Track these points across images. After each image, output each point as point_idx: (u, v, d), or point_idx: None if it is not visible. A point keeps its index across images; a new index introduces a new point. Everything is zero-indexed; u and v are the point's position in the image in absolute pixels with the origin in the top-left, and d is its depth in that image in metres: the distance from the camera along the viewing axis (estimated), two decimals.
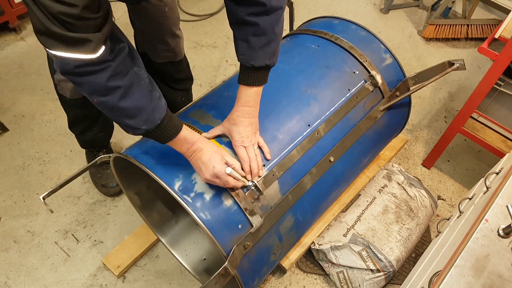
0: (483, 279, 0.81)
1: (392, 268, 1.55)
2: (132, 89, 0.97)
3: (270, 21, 1.03)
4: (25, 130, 2.07)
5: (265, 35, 1.04)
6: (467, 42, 2.81)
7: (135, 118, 0.99)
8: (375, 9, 3.03)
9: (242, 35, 1.05)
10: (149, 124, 1.01)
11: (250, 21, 1.02)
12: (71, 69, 0.89)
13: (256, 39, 1.04)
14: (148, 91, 1.00)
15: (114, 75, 0.93)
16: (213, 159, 1.08)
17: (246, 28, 1.04)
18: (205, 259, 1.64)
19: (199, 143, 1.09)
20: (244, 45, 1.06)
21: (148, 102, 0.99)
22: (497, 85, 1.69)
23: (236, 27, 1.06)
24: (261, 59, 1.07)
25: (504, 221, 0.90)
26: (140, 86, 0.99)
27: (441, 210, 1.93)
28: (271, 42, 1.07)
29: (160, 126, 1.03)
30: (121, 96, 0.95)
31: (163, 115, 1.02)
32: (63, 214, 1.79)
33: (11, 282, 1.60)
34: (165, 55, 1.63)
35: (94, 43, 0.87)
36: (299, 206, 1.29)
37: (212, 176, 1.08)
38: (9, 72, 2.33)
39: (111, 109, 0.98)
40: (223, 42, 2.65)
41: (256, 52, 1.06)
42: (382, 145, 1.69)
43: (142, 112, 0.99)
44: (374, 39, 1.58)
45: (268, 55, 1.08)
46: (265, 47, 1.06)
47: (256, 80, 1.11)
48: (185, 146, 1.09)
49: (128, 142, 2.06)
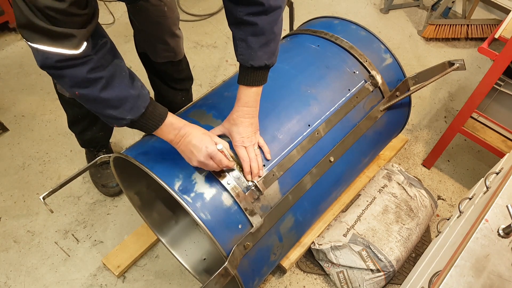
0: (483, 279, 0.81)
1: (392, 268, 1.55)
2: (114, 79, 0.97)
3: (269, 20, 1.03)
4: (25, 130, 2.08)
5: (264, 35, 1.04)
6: (467, 42, 2.81)
7: (120, 108, 0.99)
8: (375, 9, 3.03)
9: (241, 35, 1.05)
10: (134, 113, 1.01)
11: (248, 21, 1.02)
12: (53, 63, 0.89)
13: (255, 39, 1.04)
14: (129, 81, 1.01)
15: (95, 67, 0.94)
16: (205, 140, 1.07)
17: (245, 28, 1.04)
18: (205, 259, 1.64)
19: (187, 127, 1.09)
20: (243, 45, 1.06)
21: (131, 91, 1.00)
22: (497, 85, 1.69)
23: (235, 27, 1.06)
24: (261, 59, 1.07)
25: (504, 221, 0.90)
26: (122, 76, 0.99)
27: (441, 210, 1.93)
28: (270, 42, 1.07)
29: (145, 114, 1.03)
30: (103, 87, 0.95)
31: (147, 103, 1.03)
32: (63, 214, 1.79)
33: (11, 282, 1.60)
34: (165, 55, 1.63)
35: (77, 39, 0.87)
36: (299, 206, 1.29)
37: (206, 158, 1.07)
38: (9, 72, 2.33)
39: (93, 101, 0.98)
40: (223, 42, 2.65)
41: (255, 52, 1.06)
42: (382, 145, 1.69)
43: (126, 101, 0.99)
44: (374, 39, 1.58)
45: (267, 54, 1.08)
46: (264, 47, 1.06)
47: (255, 80, 1.11)
48: (172, 133, 1.08)
49: (128, 142, 2.06)
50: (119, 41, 2.53)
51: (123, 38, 2.55)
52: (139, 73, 2.43)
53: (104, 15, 2.68)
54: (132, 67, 2.39)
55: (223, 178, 1.14)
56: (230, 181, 1.14)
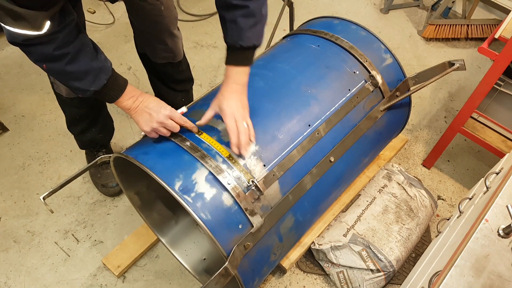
0: (483, 279, 0.81)
1: (392, 268, 1.55)
2: (79, 54, 1.04)
3: (259, 3, 1.10)
4: (25, 130, 2.07)
5: (254, 17, 1.10)
6: (467, 42, 2.81)
7: (83, 80, 1.07)
8: (375, 9, 3.03)
9: (231, 17, 1.10)
10: (96, 85, 1.09)
11: (239, 4, 1.07)
12: (19, 41, 0.96)
13: (245, 20, 1.10)
14: (93, 55, 1.07)
15: (61, 45, 1.00)
16: (162, 103, 1.16)
17: (236, 10, 1.09)
18: (205, 259, 1.64)
19: (143, 95, 1.17)
20: (233, 26, 1.11)
21: (94, 65, 1.07)
22: (497, 85, 1.69)
23: (224, 10, 1.11)
24: (250, 40, 1.13)
25: (504, 221, 0.90)
26: (86, 51, 1.05)
27: (441, 210, 1.93)
28: (258, 23, 1.12)
29: (107, 86, 1.10)
30: (68, 62, 1.03)
31: (109, 75, 1.10)
32: (63, 214, 1.79)
33: (11, 282, 1.60)
34: (164, 55, 1.63)
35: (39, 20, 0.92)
36: (299, 206, 1.29)
37: (165, 118, 1.14)
38: (9, 72, 2.33)
39: (59, 73, 1.07)
40: (223, 42, 2.65)
41: (244, 33, 1.11)
42: (382, 145, 1.69)
43: (89, 73, 1.07)
44: (374, 39, 1.58)
45: (256, 35, 1.14)
46: (253, 28, 1.12)
47: (245, 60, 1.17)
48: (131, 100, 1.16)
49: (128, 142, 2.06)
50: (119, 41, 2.53)
51: (123, 38, 2.55)
52: (140, 74, 2.44)
53: (104, 15, 2.68)
54: (132, 67, 2.39)
55: (222, 177, 1.14)
56: (230, 181, 1.14)
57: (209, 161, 1.15)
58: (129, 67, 2.40)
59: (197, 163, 1.15)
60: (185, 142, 1.19)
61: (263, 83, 1.38)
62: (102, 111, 1.70)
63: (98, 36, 2.55)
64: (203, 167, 1.14)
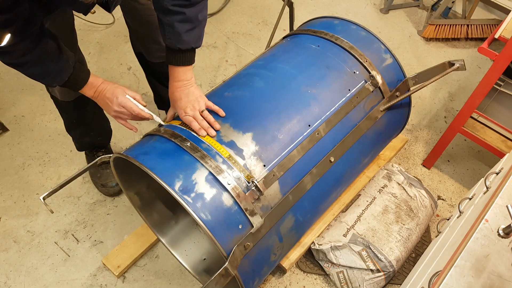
0: (483, 279, 0.81)
1: (392, 268, 1.55)
2: (40, 60, 1.08)
3: (195, 11, 1.12)
4: (25, 130, 2.07)
5: (191, 22, 1.13)
6: (467, 42, 2.81)
7: (46, 79, 1.18)
8: (375, 9, 3.02)
9: (168, 21, 1.13)
10: (59, 82, 1.16)
11: (175, 10, 1.10)
12: None
13: (182, 25, 1.13)
14: (55, 57, 1.12)
15: (22, 54, 1.03)
16: (116, 92, 1.21)
17: (173, 15, 1.12)
18: (205, 259, 1.64)
19: (104, 84, 1.23)
20: (170, 29, 1.14)
21: (55, 67, 1.13)
22: (497, 85, 1.69)
23: (161, 13, 1.14)
24: (187, 43, 1.16)
25: (504, 221, 0.90)
26: (48, 55, 1.09)
27: (441, 210, 1.93)
28: (195, 28, 1.16)
29: (69, 81, 1.17)
30: (30, 67, 1.09)
31: (70, 73, 1.16)
32: (63, 214, 1.79)
33: (11, 282, 1.60)
34: (159, 55, 1.64)
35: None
36: (300, 206, 1.29)
37: (118, 106, 1.21)
38: (9, 72, 2.33)
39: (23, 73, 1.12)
40: (223, 42, 2.65)
41: (182, 37, 1.14)
42: (382, 145, 1.69)
43: (50, 74, 1.14)
44: (374, 39, 1.58)
45: (194, 39, 1.17)
46: (190, 32, 1.15)
47: (184, 61, 1.20)
48: (92, 90, 1.22)
49: (128, 142, 2.06)
50: (119, 41, 2.53)
51: (123, 38, 2.55)
52: (139, 74, 2.44)
53: (104, 15, 2.68)
54: (132, 67, 2.39)
55: (222, 177, 1.14)
56: (230, 181, 1.14)
57: (209, 161, 1.15)
58: (129, 67, 2.40)
59: (197, 163, 1.15)
60: (185, 142, 1.19)
61: (263, 83, 1.38)
62: (98, 114, 1.70)
63: (98, 36, 2.55)
64: (203, 167, 1.14)
